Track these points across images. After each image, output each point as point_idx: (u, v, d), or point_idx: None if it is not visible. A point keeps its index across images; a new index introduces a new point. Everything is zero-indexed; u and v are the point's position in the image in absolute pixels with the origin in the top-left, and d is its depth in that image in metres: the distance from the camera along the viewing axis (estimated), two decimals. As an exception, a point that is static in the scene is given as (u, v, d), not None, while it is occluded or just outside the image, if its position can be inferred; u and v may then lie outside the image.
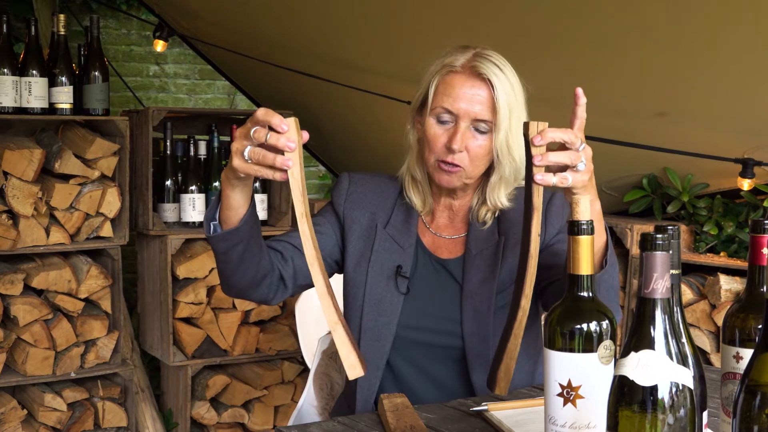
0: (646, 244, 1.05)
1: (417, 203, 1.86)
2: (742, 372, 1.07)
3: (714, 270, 2.94)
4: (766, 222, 1.27)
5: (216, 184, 3.46)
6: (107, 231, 3.29)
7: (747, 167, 2.72)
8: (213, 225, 1.61)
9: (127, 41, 4.38)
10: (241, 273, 1.67)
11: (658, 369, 1.03)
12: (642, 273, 1.05)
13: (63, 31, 3.19)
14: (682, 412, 1.03)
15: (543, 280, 1.69)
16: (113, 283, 3.33)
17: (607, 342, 1.20)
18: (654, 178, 3.15)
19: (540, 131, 1.43)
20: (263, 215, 3.55)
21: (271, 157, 1.44)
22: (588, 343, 1.19)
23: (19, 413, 3.18)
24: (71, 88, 3.17)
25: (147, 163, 3.39)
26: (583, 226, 1.19)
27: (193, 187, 3.44)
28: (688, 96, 2.60)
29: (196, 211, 3.43)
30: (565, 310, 1.21)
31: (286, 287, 1.77)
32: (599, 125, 2.52)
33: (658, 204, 3.17)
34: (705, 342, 2.87)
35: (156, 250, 3.44)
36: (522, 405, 1.60)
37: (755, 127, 2.65)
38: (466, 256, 1.81)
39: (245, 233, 1.60)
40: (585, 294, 1.21)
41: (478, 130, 1.73)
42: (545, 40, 2.60)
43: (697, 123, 2.71)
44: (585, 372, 1.19)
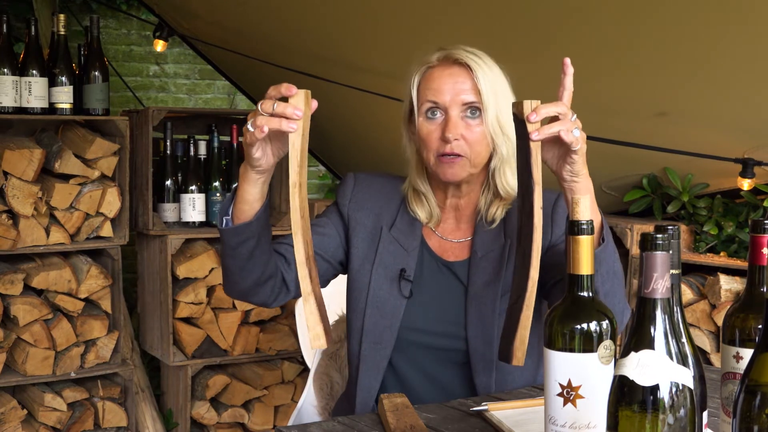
0: (646, 244, 1.05)
1: (422, 217, 1.85)
2: (742, 372, 1.07)
3: (714, 270, 2.93)
4: (766, 222, 1.27)
5: (216, 183, 3.46)
6: (107, 231, 3.30)
7: (747, 167, 2.72)
8: (225, 219, 1.62)
9: (127, 41, 4.38)
10: (248, 271, 1.66)
11: (658, 369, 1.03)
12: (642, 273, 1.05)
13: (63, 31, 3.19)
14: (682, 412, 1.03)
15: (550, 279, 1.69)
16: (113, 283, 3.33)
17: (607, 342, 1.20)
18: (654, 178, 3.14)
19: (534, 108, 1.47)
20: (263, 215, 3.55)
21: (276, 121, 1.44)
22: (588, 343, 1.19)
23: (19, 413, 3.18)
24: (71, 88, 3.17)
25: (147, 163, 3.39)
26: (583, 226, 1.20)
27: (193, 187, 3.44)
28: (688, 96, 2.60)
29: (196, 211, 3.44)
30: (565, 310, 1.22)
31: (288, 291, 1.77)
32: (599, 125, 2.52)
33: (658, 204, 3.16)
34: (705, 342, 2.87)
35: (156, 250, 3.45)
36: (522, 405, 1.60)
37: (755, 127, 2.65)
38: (471, 258, 1.81)
39: (257, 229, 1.60)
40: (585, 294, 1.21)
41: (469, 116, 1.73)
42: (545, 40, 2.60)
43: (697, 123, 2.71)
44: (585, 372, 1.19)
